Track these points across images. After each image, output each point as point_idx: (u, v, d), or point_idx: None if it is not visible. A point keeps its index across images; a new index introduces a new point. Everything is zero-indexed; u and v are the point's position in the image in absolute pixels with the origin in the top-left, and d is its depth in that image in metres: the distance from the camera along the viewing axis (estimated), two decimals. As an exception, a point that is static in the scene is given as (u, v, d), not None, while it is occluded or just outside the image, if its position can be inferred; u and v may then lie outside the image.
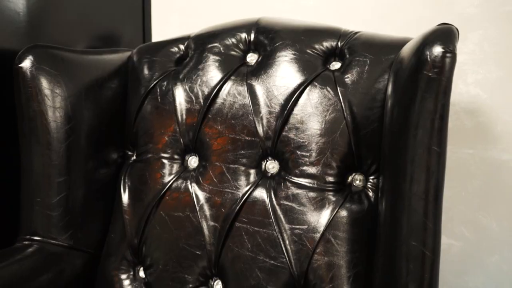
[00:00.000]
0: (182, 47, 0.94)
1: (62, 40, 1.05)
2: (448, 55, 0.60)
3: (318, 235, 0.75)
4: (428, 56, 0.60)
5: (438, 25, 0.65)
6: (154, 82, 0.91)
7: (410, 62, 0.64)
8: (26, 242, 0.86)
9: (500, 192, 0.93)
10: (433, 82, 0.60)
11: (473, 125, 0.93)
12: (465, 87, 0.92)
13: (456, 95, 0.93)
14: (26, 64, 0.85)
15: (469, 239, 0.96)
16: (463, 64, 0.92)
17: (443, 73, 0.60)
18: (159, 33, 1.14)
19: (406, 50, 0.68)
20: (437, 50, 0.60)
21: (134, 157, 0.93)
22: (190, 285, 0.82)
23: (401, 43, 0.76)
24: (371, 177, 0.77)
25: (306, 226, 0.76)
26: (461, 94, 0.92)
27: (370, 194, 0.77)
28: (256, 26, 0.89)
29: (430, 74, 0.60)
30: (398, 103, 0.66)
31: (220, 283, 0.81)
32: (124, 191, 0.90)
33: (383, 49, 0.78)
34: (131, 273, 0.87)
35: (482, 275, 0.96)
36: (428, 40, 0.62)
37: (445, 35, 0.61)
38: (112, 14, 1.17)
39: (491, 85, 0.91)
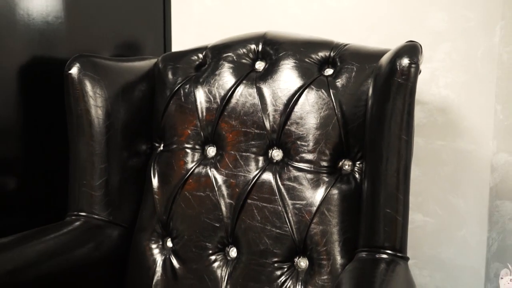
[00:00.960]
0: (201, 55, 1.12)
1: (95, 48, 1.24)
2: (413, 65, 0.78)
3: (314, 208, 0.93)
4: (398, 66, 0.79)
5: (407, 41, 0.83)
6: (178, 86, 1.09)
7: (385, 70, 0.83)
8: (74, 217, 1.04)
9: (466, 176, 1.11)
10: (402, 86, 0.79)
11: (444, 121, 1.12)
12: (437, 89, 1.11)
13: (430, 96, 1.11)
14: (74, 71, 1.03)
15: (441, 216, 1.15)
16: (435, 70, 1.10)
17: (409, 79, 0.78)
18: (178, 43, 1.33)
19: (383, 60, 0.87)
20: (405, 61, 0.79)
21: (161, 148, 1.11)
22: (210, 251, 1.00)
23: (381, 53, 0.94)
24: (357, 162, 0.95)
25: (304, 202, 0.94)
26: (433, 95, 1.11)
27: (357, 176, 0.95)
28: (263, 39, 1.07)
29: (399, 80, 0.79)
30: (376, 102, 0.85)
31: (235, 249, 0.99)
32: (154, 175, 1.08)
33: (366, 59, 0.96)
34: (160, 243, 1.05)
35: (452, 247, 1.15)
36: (398, 53, 0.80)
37: (411, 50, 0.80)
38: (136, 26, 1.35)
39: (459, 87, 1.10)
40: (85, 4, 1.22)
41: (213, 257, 1.00)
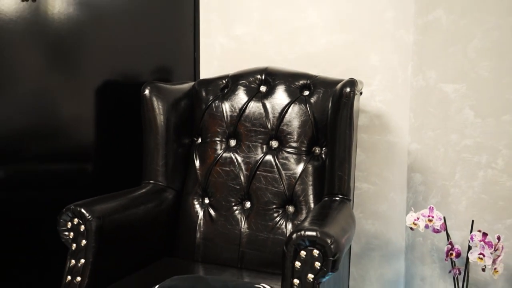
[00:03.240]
0: (224, 81, 1.74)
1: (146, 73, 1.86)
2: (351, 92, 1.41)
3: (297, 175, 1.56)
4: (344, 92, 1.42)
5: (350, 78, 1.46)
6: (210, 101, 1.71)
7: (338, 93, 1.46)
8: (146, 183, 1.64)
9: (393, 158, 1.75)
10: (346, 103, 1.42)
11: (379, 123, 1.75)
12: (374, 103, 1.74)
13: (370, 107, 1.75)
14: (146, 92, 1.65)
15: (379, 185, 1.78)
16: (373, 91, 1.74)
17: (349, 100, 1.42)
18: (204, 71, 1.94)
19: (337, 87, 1.49)
20: (347, 90, 1.42)
21: (200, 141, 1.72)
22: (233, 204, 1.61)
23: (337, 82, 1.56)
24: (323, 148, 1.58)
25: (291, 172, 1.57)
26: (372, 107, 1.74)
27: (323, 156, 1.57)
28: (265, 71, 1.70)
29: (344, 100, 1.42)
30: (333, 112, 1.48)
31: (249, 202, 1.61)
32: (196, 158, 1.69)
33: (329, 85, 1.59)
34: (200, 200, 1.66)
35: (386, 204, 1.78)
36: (344, 84, 1.44)
37: (351, 83, 1.43)
38: (174, 58, 1.97)
39: (387, 102, 1.74)
40: (137, 41, 1.84)
41: (235, 207, 1.62)
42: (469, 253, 1.42)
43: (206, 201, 1.66)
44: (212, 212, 1.64)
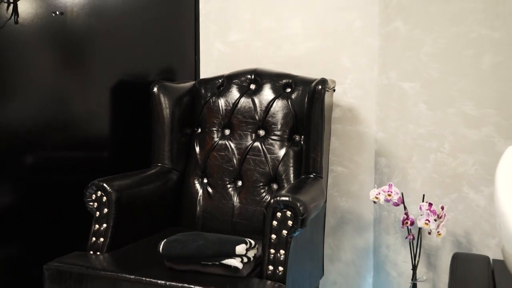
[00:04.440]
0: (220, 80, 2.06)
1: (153, 73, 2.18)
2: (323, 89, 1.74)
3: (280, 158, 1.88)
4: (316, 89, 1.75)
5: (321, 78, 1.78)
6: (208, 97, 2.03)
7: (312, 90, 1.78)
8: (154, 165, 1.97)
9: (363, 145, 2.07)
10: (318, 98, 1.74)
11: (351, 115, 2.07)
12: (347, 99, 2.07)
13: (343, 102, 2.07)
14: (155, 89, 1.97)
15: (351, 168, 2.10)
16: (345, 89, 2.06)
17: (321, 95, 1.74)
18: (204, 72, 2.27)
19: (312, 85, 1.82)
20: (319, 87, 1.74)
21: (199, 131, 2.05)
22: (227, 183, 1.94)
23: (313, 81, 1.89)
24: (302, 136, 1.90)
25: (275, 155, 1.89)
26: (345, 102, 2.07)
27: (302, 143, 1.90)
28: (254, 72, 2.02)
29: (317, 96, 1.74)
30: (308, 106, 1.80)
31: (240, 181, 1.93)
32: (196, 145, 2.02)
33: (306, 84, 1.91)
34: (200, 180, 1.99)
35: (357, 184, 2.10)
36: (317, 83, 1.76)
37: (322, 82, 1.76)
38: (177, 60, 2.29)
39: (358, 98, 2.06)
40: (146, 47, 2.17)
41: (229, 185, 1.94)
42: (417, 219, 1.74)
43: (205, 180, 1.99)
44: (209, 189, 1.96)
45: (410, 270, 1.82)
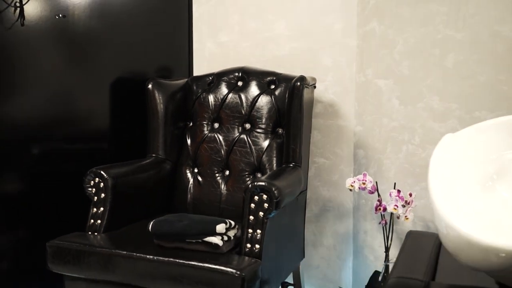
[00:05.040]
0: (210, 78, 2.23)
1: (149, 71, 2.35)
2: (301, 86, 1.90)
3: (264, 149, 2.05)
4: (295, 85, 1.91)
5: (300, 75, 1.94)
6: (199, 93, 2.20)
7: (291, 86, 1.94)
8: (149, 156, 2.14)
9: (343, 138, 2.23)
10: (297, 94, 1.90)
11: (332, 110, 2.23)
12: (328, 95, 2.23)
13: (324, 98, 2.23)
14: (150, 86, 2.14)
15: (332, 159, 2.26)
16: (327, 86, 2.22)
17: (300, 91, 1.90)
18: (196, 69, 2.44)
19: (292, 82, 1.98)
20: (298, 84, 1.90)
21: (191, 124, 2.21)
22: (216, 172, 2.10)
23: (294, 77, 2.04)
24: (284, 129, 2.06)
25: (260, 146, 2.06)
26: (326, 98, 2.23)
27: (284, 135, 2.06)
28: (242, 70, 2.18)
29: (296, 92, 1.91)
30: (289, 101, 1.96)
31: (227, 171, 2.10)
32: (188, 138, 2.18)
33: (288, 81, 2.07)
34: (191, 170, 2.15)
35: (337, 174, 2.26)
36: (296, 80, 1.92)
37: (301, 79, 1.92)
38: (172, 59, 2.46)
39: (338, 94, 2.22)
40: (143, 47, 2.34)
41: (217, 175, 2.11)
42: (388, 205, 1.90)
43: (195, 170, 2.16)
44: (200, 178, 2.13)
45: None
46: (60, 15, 2.03)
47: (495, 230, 1.08)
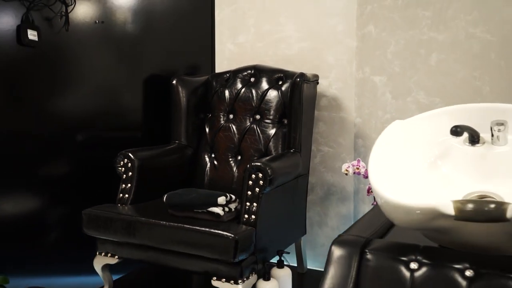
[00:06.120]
0: (228, 75, 2.54)
1: (177, 69, 2.68)
2: (300, 81, 2.17)
3: (270, 137, 2.33)
4: (296, 81, 2.18)
5: (300, 72, 2.21)
6: (217, 88, 2.51)
7: (293, 82, 2.22)
8: (173, 142, 2.47)
9: (345, 129, 2.48)
10: (297, 88, 2.18)
11: (335, 104, 2.49)
12: (331, 90, 2.48)
13: (329, 93, 2.49)
14: (174, 82, 2.47)
15: (335, 147, 2.52)
16: (330, 82, 2.48)
17: (299, 86, 2.18)
18: (218, 67, 2.75)
19: (294, 78, 2.25)
20: (298, 79, 2.18)
21: (210, 116, 2.53)
22: (230, 157, 2.41)
23: (296, 73, 2.32)
24: (288, 120, 2.34)
25: (267, 135, 2.35)
26: (330, 93, 2.48)
27: (287, 125, 2.34)
28: (254, 68, 2.48)
29: (296, 87, 2.18)
30: (291, 95, 2.24)
31: (240, 156, 2.40)
32: (207, 127, 2.50)
33: (293, 77, 2.35)
34: (209, 155, 2.47)
35: (340, 162, 2.51)
36: (297, 76, 2.20)
37: (301, 75, 2.19)
38: (198, 58, 2.79)
39: (340, 89, 2.47)
40: (175, 48, 2.67)
41: (231, 159, 2.41)
42: (375, 187, 2.14)
43: (212, 155, 2.47)
44: (215, 162, 2.44)
45: (373, 230, 2.22)
46: (98, 21, 2.39)
47: (424, 196, 1.33)
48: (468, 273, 1.23)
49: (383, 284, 1.29)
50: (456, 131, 1.39)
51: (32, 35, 2.15)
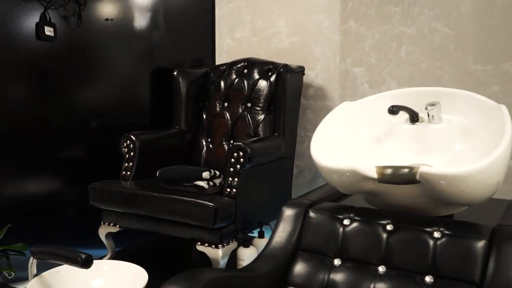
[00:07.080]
0: (224, 67, 2.79)
1: (180, 61, 2.95)
2: (283, 72, 2.41)
3: (260, 122, 2.58)
4: (279, 71, 2.42)
5: (284, 64, 2.45)
6: (215, 79, 2.77)
7: (277, 72, 2.45)
8: (173, 128, 2.74)
9: (329, 117, 2.70)
10: (281, 78, 2.42)
11: (321, 93, 2.71)
12: (318, 81, 2.71)
13: (315, 84, 2.71)
14: (175, 73, 2.74)
15: (321, 134, 2.74)
16: (317, 73, 2.70)
17: (282, 77, 2.41)
18: (218, 60, 3.01)
19: (278, 69, 2.49)
20: (281, 70, 2.42)
21: (207, 104, 2.79)
22: (223, 141, 2.66)
23: (283, 65, 2.55)
24: (275, 106, 2.58)
25: (257, 121, 2.59)
26: (316, 83, 2.71)
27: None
28: (248, 60, 2.72)
29: (280, 77, 2.42)
30: (276, 84, 2.48)
31: (232, 140, 2.65)
32: (204, 114, 2.76)
33: (281, 67, 2.58)
34: (205, 139, 2.73)
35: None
36: (281, 67, 2.43)
37: (284, 66, 2.43)
38: (200, 51, 3.05)
39: (325, 80, 2.69)
40: (182, 43, 2.95)
41: (224, 143, 2.67)
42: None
43: (209, 140, 2.73)
44: (211, 146, 2.70)
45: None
46: (108, 19, 2.68)
47: (361, 163, 1.55)
48: (389, 227, 1.45)
49: (321, 237, 1.53)
50: (393, 110, 1.61)
51: (48, 31, 2.46)
